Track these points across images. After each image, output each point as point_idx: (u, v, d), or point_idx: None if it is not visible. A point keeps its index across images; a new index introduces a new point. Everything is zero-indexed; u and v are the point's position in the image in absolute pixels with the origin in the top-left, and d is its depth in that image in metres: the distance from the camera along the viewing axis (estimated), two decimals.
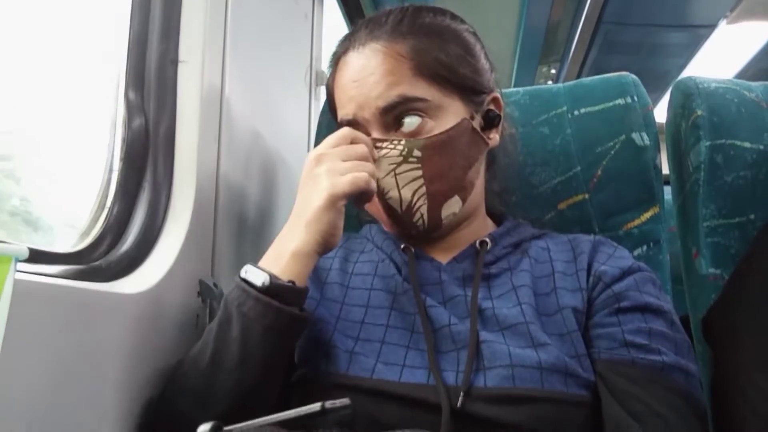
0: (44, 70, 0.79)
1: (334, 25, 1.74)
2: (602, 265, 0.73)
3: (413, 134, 0.71)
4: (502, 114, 0.79)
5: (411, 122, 0.71)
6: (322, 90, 1.40)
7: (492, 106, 0.78)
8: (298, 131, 1.29)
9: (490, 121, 0.77)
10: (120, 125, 0.81)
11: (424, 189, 0.71)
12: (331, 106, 0.81)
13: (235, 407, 0.62)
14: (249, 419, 0.42)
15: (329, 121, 1.03)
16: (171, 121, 0.83)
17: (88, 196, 0.78)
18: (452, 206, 0.74)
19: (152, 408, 0.69)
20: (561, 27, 2.55)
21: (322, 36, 1.45)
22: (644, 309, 0.68)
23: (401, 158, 0.70)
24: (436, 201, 0.72)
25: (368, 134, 0.73)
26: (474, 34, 0.80)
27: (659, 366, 0.64)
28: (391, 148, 0.70)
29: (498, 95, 0.79)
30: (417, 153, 0.70)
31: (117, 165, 0.80)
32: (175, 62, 0.85)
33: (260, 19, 1.07)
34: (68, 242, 0.74)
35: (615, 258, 0.74)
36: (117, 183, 0.79)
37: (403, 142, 0.70)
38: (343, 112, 0.75)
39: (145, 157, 0.81)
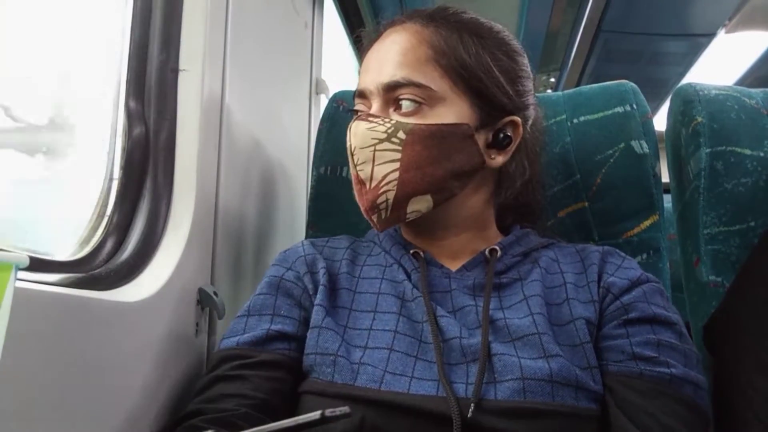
0: (45, 76, 0.79)
1: (334, 34, 1.75)
2: (611, 277, 0.72)
3: (407, 116, 0.72)
4: (516, 141, 0.77)
5: (408, 105, 0.71)
6: (322, 98, 1.41)
7: (508, 129, 0.76)
8: (298, 139, 1.29)
9: (499, 142, 0.76)
10: (120, 133, 0.81)
11: (397, 174, 0.70)
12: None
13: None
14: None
15: (329, 129, 1.03)
16: (171, 130, 0.83)
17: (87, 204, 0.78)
18: (420, 203, 0.72)
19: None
20: (560, 35, 2.56)
21: (322, 45, 1.46)
22: (652, 320, 0.68)
23: (385, 135, 0.70)
24: (404, 191, 0.71)
25: (370, 107, 0.74)
26: (524, 57, 0.80)
27: (667, 378, 0.64)
28: (380, 124, 0.71)
29: (518, 121, 0.76)
30: (402, 135, 0.70)
31: (117, 173, 0.80)
32: (175, 71, 0.85)
33: (261, 27, 1.07)
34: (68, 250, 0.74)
35: (623, 269, 0.74)
36: (117, 191, 0.79)
37: (392, 122, 0.71)
38: (359, 82, 0.77)
39: (146, 165, 0.81)
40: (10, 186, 0.75)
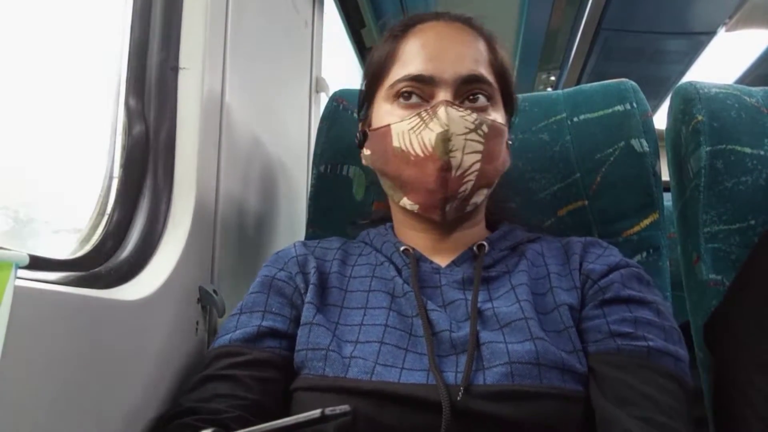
0: (45, 76, 0.79)
1: (334, 32, 1.74)
2: (591, 264, 0.74)
3: (480, 111, 0.75)
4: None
5: (482, 100, 0.75)
6: (322, 96, 1.41)
7: (511, 135, 0.83)
8: (298, 138, 1.29)
9: (510, 146, 0.82)
10: (120, 132, 0.81)
11: (479, 165, 0.73)
12: (382, 65, 0.80)
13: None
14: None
15: (329, 127, 1.03)
16: (171, 128, 0.83)
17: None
18: (480, 196, 0.77)
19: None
20: (560, 34, 2.55)
21: (322, 43, 1.46)
22: (628, 300, 0.70)
23: (473, 126, 0.73)
24: (479, 183, 0.74)
25: (427, 95, 0.74)
26: None
27: (645, 351, 0.65)
28: (468, 114, 0.73)
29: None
30: (485, 129, 0.73)
31: (117, 172, 0.80)
32: (175, 69, 0.85)
33: (260, 26, 1.07)
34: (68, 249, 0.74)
35: (603, 257, 0.76)
36: (117, 190, 0.79)
37: (475, 115, 0.73)
38: (413, 67, 0.75)
39: (146, 163, 0.81)
40: None
